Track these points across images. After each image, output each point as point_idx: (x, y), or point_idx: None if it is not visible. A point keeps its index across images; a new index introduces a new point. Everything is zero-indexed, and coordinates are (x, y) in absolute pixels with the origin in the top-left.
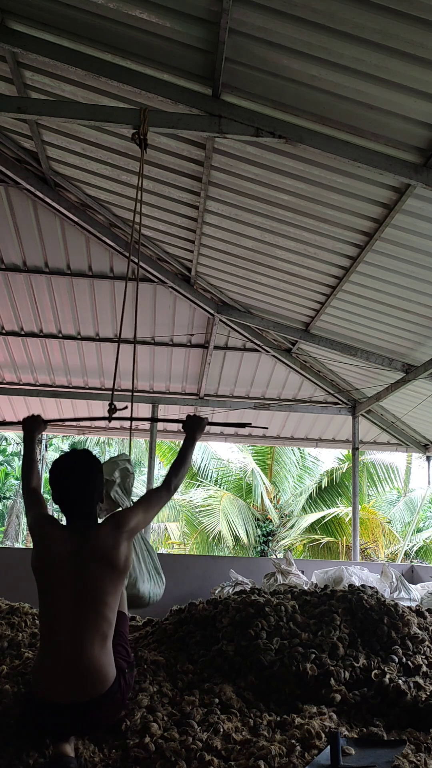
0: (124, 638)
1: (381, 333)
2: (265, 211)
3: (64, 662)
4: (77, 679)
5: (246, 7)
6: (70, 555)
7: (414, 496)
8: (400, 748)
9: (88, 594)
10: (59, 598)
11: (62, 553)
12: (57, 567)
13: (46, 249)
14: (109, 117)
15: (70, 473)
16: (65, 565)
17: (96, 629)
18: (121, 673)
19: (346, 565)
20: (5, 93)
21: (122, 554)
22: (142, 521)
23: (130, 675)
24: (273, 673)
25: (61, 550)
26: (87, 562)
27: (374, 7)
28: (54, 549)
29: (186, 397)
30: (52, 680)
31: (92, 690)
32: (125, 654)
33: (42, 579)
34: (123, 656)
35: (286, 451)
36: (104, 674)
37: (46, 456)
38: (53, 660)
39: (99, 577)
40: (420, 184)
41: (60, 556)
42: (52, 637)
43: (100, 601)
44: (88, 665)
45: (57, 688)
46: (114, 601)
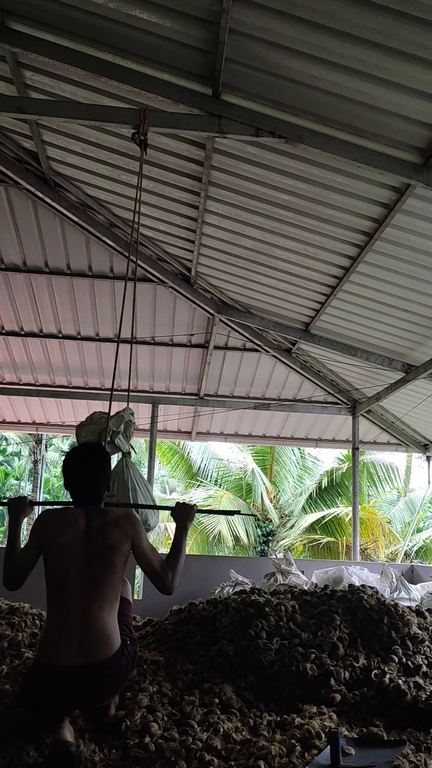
0: (127, 619)
1: (381, 333)
2: (265, 211)
3: (75, 626)
4: (87, 641)
5: (246, 7)
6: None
7: (414, 496)
8: (400, 748)
9: (97, 564)
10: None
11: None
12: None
13: (46, 249)
14: (109, 117)
15: (82, 464)
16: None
17: (105, 596)
18: (124, 643)
19: (346, 565)
20: (5, 93)
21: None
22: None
23: (133, 647)
24: (273, 673)
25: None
26: (93, 537)
27: (374, 7)
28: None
29: (186, 397)
30: (63, 645)
31: (101, 652)
32: (128, 631)
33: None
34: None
35: (286, 451)
36: (112, 638)
37: (47, 456)
38: (64, 626)
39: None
40: (420, 184)
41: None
42: (63, 604)
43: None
44: (98, 628)
45: (67, 652)
46: (121, 570)
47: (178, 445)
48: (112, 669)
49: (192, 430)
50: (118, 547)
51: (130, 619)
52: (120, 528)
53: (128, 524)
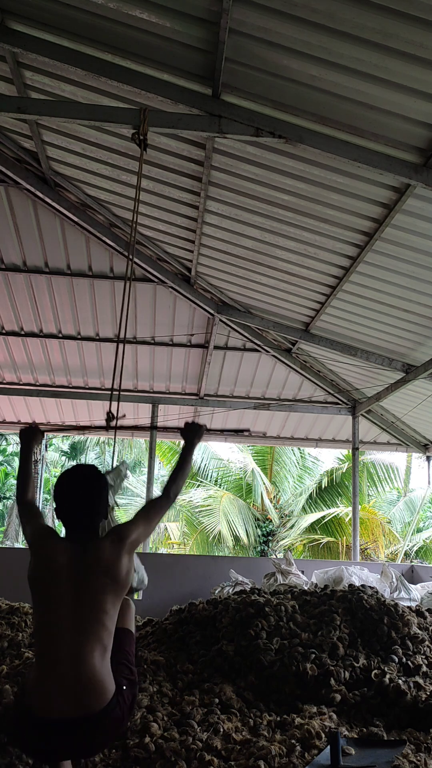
0: (128, 656)
1: (381, 333)
2: (265, 211)
3: (64, 675)
4: (77, 692)
5: (246, 7)
6: (70, 566)
7: (414, 496)
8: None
9: (88, 604)
10: (58, 609)
11: (62, 563)
12: (57, 577)
13: (46, 249)
14: (109, 117)
15: (77, 490)
16: (65, 575)
17: (96, 640)
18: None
19: (346, 565)
20: (5, 93)
21: (123, 567)
22: (143, 533)
23: (130, 692)
24: (273, 673)
25: (61, 560)
26: (87, 574)
27: (374, 7)
28: (54, 559)
29: (186, 397)
30: (51, 695)
31: (91, 703)
32: (128, 672)
33: (40, 590)
34: (125, 674)
35: (286, 451)
36: (105, 686)
37: (47, 456)
38: (52, 673)
39: (99, 589)
40: (420, 184)
41: (60, 566)
42: (51, 649)
43: (100, 610)
44: (89, 677)
45: (55, 704)
46: (114, 613)
47: (178, 445)
48: (106, 720)
49: None
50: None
51: (132, 654)
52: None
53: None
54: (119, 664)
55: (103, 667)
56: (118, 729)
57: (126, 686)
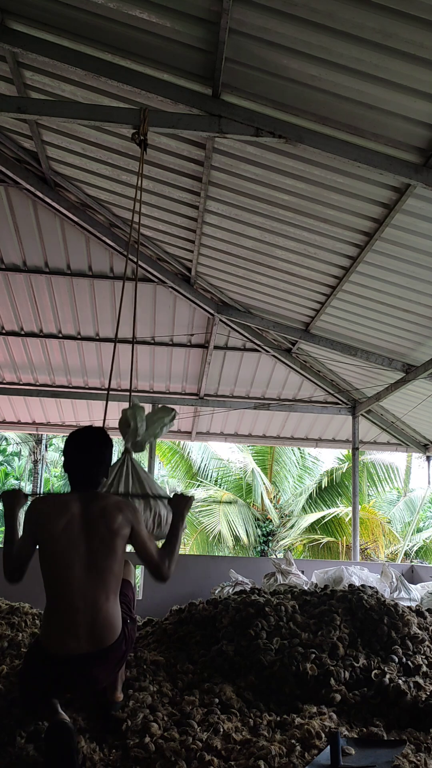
0: (127, 599)
1: (381, 333)
2: (265, 211)
3: (79, 614)
4: (92, 629)
5: (246, 7)
6: (78, 514)
7: (414, 496)
8: (400, 748)
9: (96, 550)
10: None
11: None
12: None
13: (46, 249)
14: (109, 117)
15: (85, 449)
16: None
17: (106, 582)
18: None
19: (346, 565)
20: (5, 93)
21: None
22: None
23: (132, 627)
24: (273, 673)
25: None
26: (92, 521)
27: (374, 7)
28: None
29: (186, 397)
30: (67, 633)
31: (104, 639)
32: (128, 610)
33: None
34: (125, 612)
35: (286, 451)
36: (114, 624)
37: (47, 456)
38: (66, 614)
39: (103, 536)
40: (420, 184)
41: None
42: (65, 592)
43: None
44: (102, 615)
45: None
46: (120, 558)
47: (178, 445)
48: (114, 653)
49: (192, 430)
50: (119, 532)
51: (131, 598)
52: (122, 513)
53: (129, 510)
54: (121, 603)
55: (114, 607)
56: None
57: (129, 621)
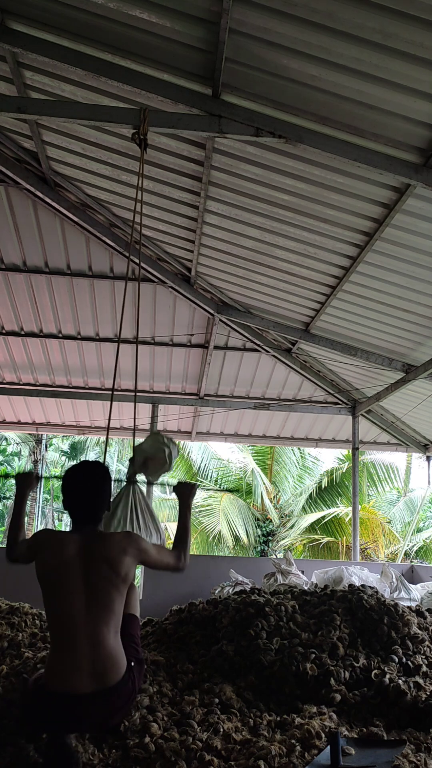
0: (134, 639)
1: (381, 333)
2: (265, 211)
3: (82, 653)
4: (95, 668)
5: (246, 7)
6: (78, 553)
7: (414, 496)
8: (400, 748)
9: (98, 591)
10: (70, 595)
11: (71, 552)
12: (67, 566)
13: (46, 249)
14: (109, 117)
15: (83, 485)
16: (74, 563)
17: (108, 622)
18: (130, 665)
19: (346, 565)
20: (5, 93)
21: (125, 565)
22: (149, 557)
23: (139, 669)
24: (273, 673)
25: (70, 550)
26: (94, 563)
27: (374, 7)
28: (62, 550)
29: (186, 397)
30: (71, 672)
31: (109, 678)
32: (134, 652)
33: (51, 580)
34: (132, 653)
35: (286, 451)
36: (119, 662)
37: (47, 456)
38: (70, 654)
39: (105, 578)
40: (420, 184)
41: (69, 555)
42: (67, 632)
43: (108, 596)
44: (106, 653)
45: (75, 680)
46: (120, 599)
47: (178, 445)
48: (120, 693)
49: (192, 430)
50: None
51: (138, 636)
52: (127, 554)
53: (132, 545)
54: (127, 645)
55: (116, 646)
56: (128, 702)
57: (135, 663)
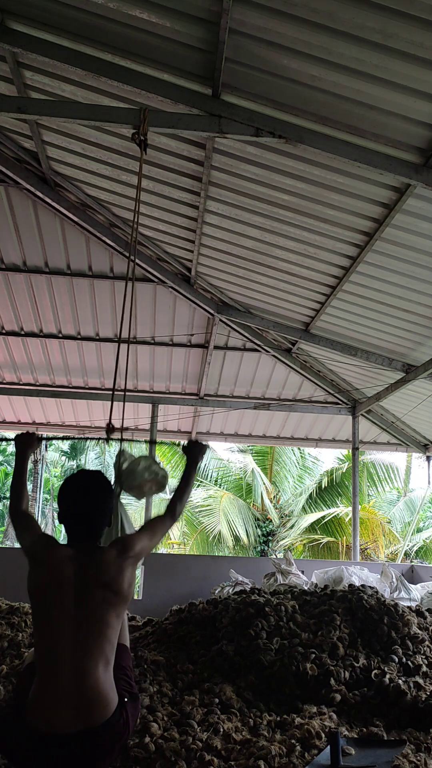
0: (127, 671)
1: (381, 333)
2: (265, 211)
3: (66, 687)
4: (80, 705)
5: (246, 7)
6: (72, 576)
7: (414, 496)
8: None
9: (91, 618)
10: (59, 621)
11: (66, 575)
12: (59, 589)
13: (46, 249)
14: (109, 117)
15: (83, 496)
16: (68, 587)
17: (99, 652)
18: (122, 701)
19: (346, 565)
20: (5, 93)
21: (126, 580)
22: (147, 547)
23: (133, 705)
24: (273, 673)
25: (64, 571)
26: (90, 585)
27: (374, 7)
28: (56, 570)
29: (186, 397)
30: (53, 708)
31: (95, 716)
32: (128, 686)
33: (41, 601)
34: (125, 687)
35: (286, 451)
36: (107, 698)
37: (47, 456)
38: (53, 686)
39: (101, 601)
40: (420, 184)
41: (63, 578)
42: (52, 661)
43: (103, 624)
44: (92, 689)
45: (57, 717)
46: (117, 625)
47: (179, 446)
48: (108, 733)
49: (192, 430)
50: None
51: (130, 669)
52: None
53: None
54: (118, 678)
55: (107, 680)
56: (120, 742)
57: (128, 699)
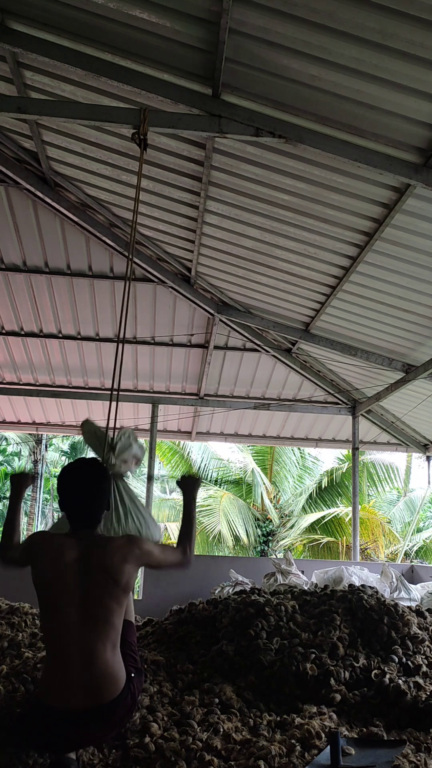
0: (132, 646)
1: (381, 333)
2: (265, 211)
3: (77, 668)
4: (91, 684)
5: (246, 7)
6: (75, 562)
7: (414, 496)
8: (400, 748)
9: (95, 600)
10: (66, 606)
11: (66, 560)
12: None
13: (46, 249)
14: (109, 117)
15: (81, 484)
16: (71, 572)
17: (106, 636)
18: (129, 677)
19: (346, 565)
20: (5, 93)
21: (126, 572)
22: (153, 558)
23: (138, 680)
24: (273, 673)
25: (65, 557)
26: (91, 570)
27: (374, 7)
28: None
29: (186, 397)
30: (66, 688)
31: (106, 694)
32: (133, 661)
33: (46, 589)
34: (131, 663)
35: (286, 451)
36: (116, 678)
37: (47, 456)
38: (65, 668)
39: (103, 585)
40: (420, 184)
41: (65, 564)
42: (62, 645)
43: (106, 608)
44: (102, 669)
45: (70, 696)
46: (120, 610)
47: (178, 445)
48: (119, 708)
49: (192, 430)
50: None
51: (135, 644)
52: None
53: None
54: (125, 654)
55: (115, 660)
56: (128, 715)
57: (134, 674)
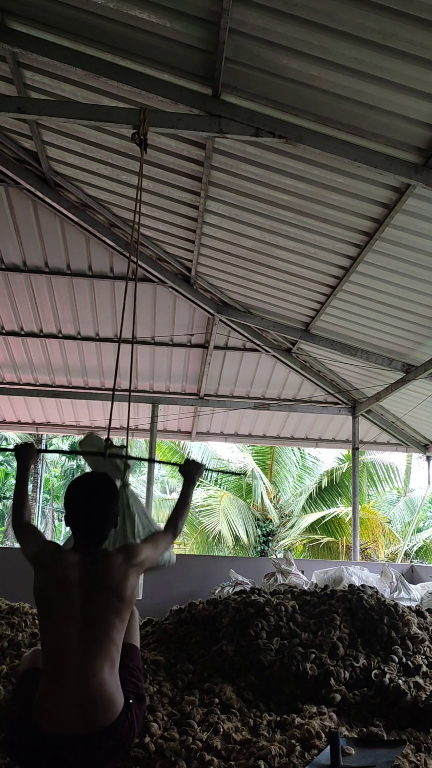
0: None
1: (381, 333)
2: (265, 211)
3: (72, 689)
4: (87, 706)
5: (246, 7)
6: (78, 580)
7: (414, 496)
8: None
9: (96, 620)
10: (65, 623)
11: (71, 578)
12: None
13: (46, 249)
14: (109, 117)
15: (89, 499)
16: (74, 591)
17: (104, 654)
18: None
19: (346, 565)
20: (5, 93)
21: (129, 587)
22: (150, 557)
23: (139, 706)
24: (273, 673)
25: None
26: (95, 589)
27: (374, 7)
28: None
29: (186, 397)
30: (59, 709)
31: (101, 719)
32: (134, 687)
33: (47, 604)
34: (131, 688)
35: (286, 451)
36: (114, 700)
37: (47, 456)
38: (59, 687)
39: (106, 605)
40: (420, 184)
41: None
42: (58, 663)
43: (107, 626)
44: (98, 691)
45: (63, 718)
46: (122, 627)
47: (178, 445)
48: (114, 735)
49: (192, 430)
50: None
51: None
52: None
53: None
54: (125, 679)
55: (112, 681)
56: (125, 743)
57: (133, 700)
